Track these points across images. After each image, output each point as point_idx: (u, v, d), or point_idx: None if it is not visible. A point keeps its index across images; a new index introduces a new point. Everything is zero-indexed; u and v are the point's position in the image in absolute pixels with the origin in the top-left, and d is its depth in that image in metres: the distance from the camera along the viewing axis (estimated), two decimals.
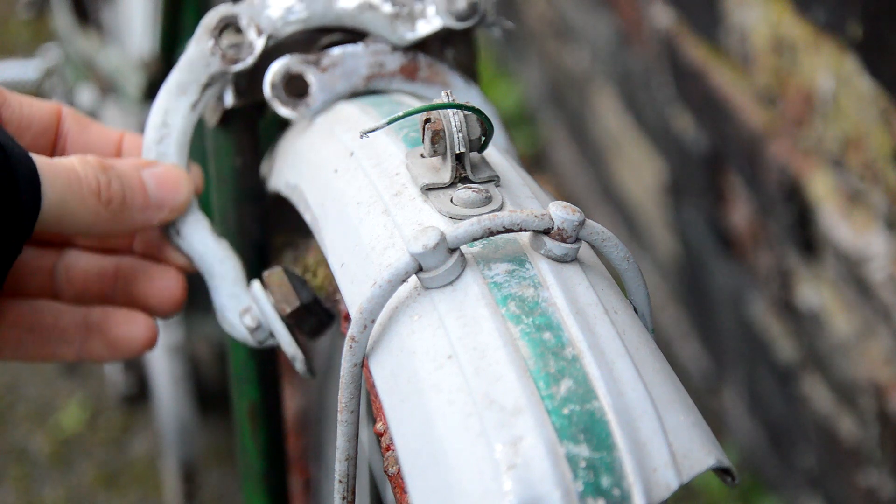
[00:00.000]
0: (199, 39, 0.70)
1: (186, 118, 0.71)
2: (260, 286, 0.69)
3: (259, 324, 0.69)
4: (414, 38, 0.72)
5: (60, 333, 0.70)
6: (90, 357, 0.71)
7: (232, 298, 0.70)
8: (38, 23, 2.67)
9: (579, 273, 0.56)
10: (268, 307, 0.69)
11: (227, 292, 0.70)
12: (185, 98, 0.70)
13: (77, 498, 1.85)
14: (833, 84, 1.26)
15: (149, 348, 0.71)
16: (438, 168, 0.60)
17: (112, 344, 0.71)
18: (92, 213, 0.65)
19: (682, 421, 0.52)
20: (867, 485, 1.37)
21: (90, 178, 0.65)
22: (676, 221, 1.82)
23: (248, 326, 0.69)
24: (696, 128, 1.66)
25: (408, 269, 0.55)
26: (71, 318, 0.70)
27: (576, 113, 2.23)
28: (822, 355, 1.43)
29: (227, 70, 0.70)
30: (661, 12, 1.69)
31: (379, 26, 0.71)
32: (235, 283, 0.70)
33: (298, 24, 0.71)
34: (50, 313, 0.70)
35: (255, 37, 0.70)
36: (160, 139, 0.70)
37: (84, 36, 1.59)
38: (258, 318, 0.69)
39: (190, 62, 0.70)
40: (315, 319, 0.70)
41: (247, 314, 0.70)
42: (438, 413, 0.51)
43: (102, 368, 2.03)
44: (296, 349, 0.69)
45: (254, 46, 0.70)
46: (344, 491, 0.59)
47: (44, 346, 0.70)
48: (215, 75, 0.70)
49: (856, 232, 1.28)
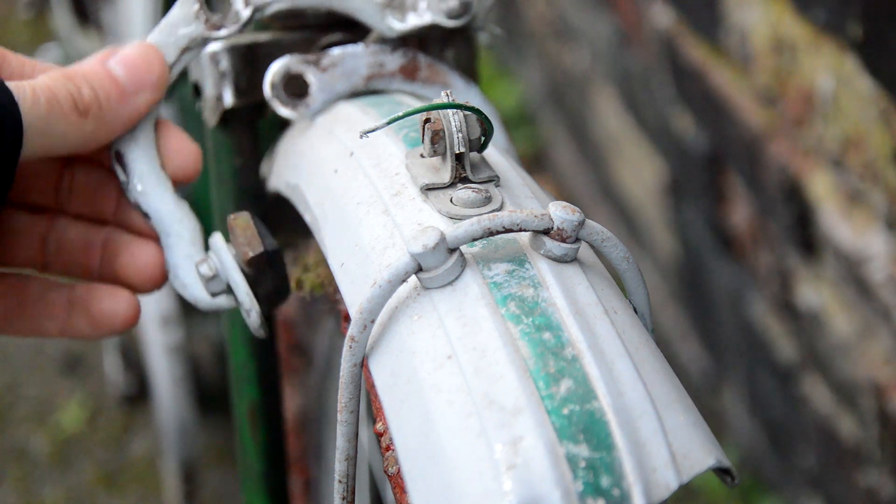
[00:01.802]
0: (184, 1, 0.69)
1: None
2: (220, 238, 0.68)
3: (216, 273, 0.68)
4: (403, 30, 0.71)
5: (46, 308, 0.70)
6: (73, 334, 0.71)
7: (187, 259, 0.69)
8: (38, 23, 2.68)
9: (579, 273, 0.56)
10: (227, 257, 0.67)
11: (182, 252, 0.69)
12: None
13: (77, 498, 1.85)
14: (833, 84, 1.26)
15: (131, 325, 0.71)
16: (438, 168, 0.60)
17: (95, 320, 0.70)
18: (75, 128, 0.64)
19: (682, 421, 0.52)
20: (867, 485, 1.37)
21: (63, 92, 0.64)
22: (676, 221, 1.82)
23: (203, 275, 0.68)
24: (696, 128, 1.66)
25: (407, 269, 0.55)
26: (57, 293, 0.70)
27: (576, 113, 2.23)
28: (822, 355, 1.43)
29: (208, 36, 0.69)
30: (661, 12, 1.69)
31: (369, 14, 0.71)
32: (192, 244, 0.69)
33: (287, 1, 0.70)
34: (38, 287, 0.70)
35: (241, 7, 0.69)
36: None
37: (84, 36, 1.59)
38: (216, 267, 0.68)
39: (171, 23, 0.69)
40: (272, 280, 0.68)
41: (203, 263, 0.68)
42: (438, 413, 0.51)
43: (102, 368, 2.03)
44: (252, 300, 0.67)
45: (239, 16, 0.69)
46: (344, 491, 0.59)
47: (29, 320, 0.70)
48: (196, 39, 0.69)
49: (856, 232, 1.28)
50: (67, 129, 0.64)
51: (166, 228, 0.69)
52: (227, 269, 0.67)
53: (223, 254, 0.67)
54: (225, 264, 0.67)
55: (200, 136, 0.78)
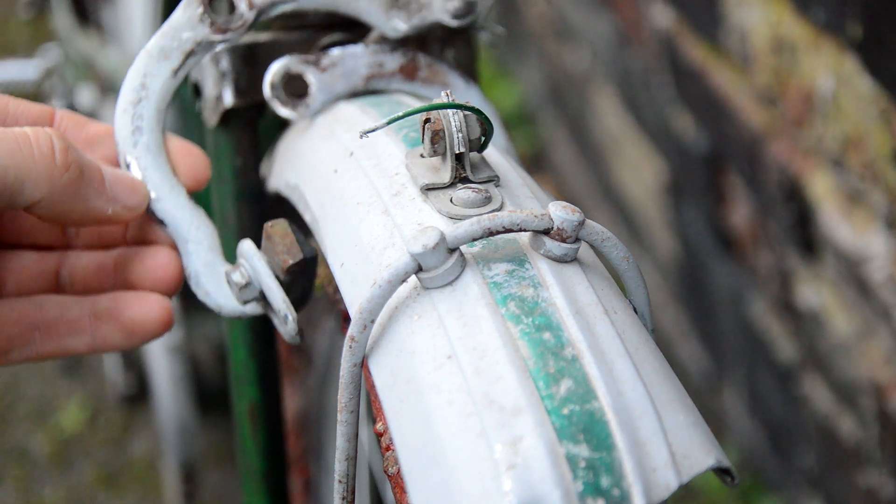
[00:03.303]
0: (187, 4, 0.68)
1: (167, 84, 0.68)
2: (251, 244, 0.67)
3: (249, 281, 0.67)
4: (408, 30, 0.71)
5: (70, 326, 0.68)
6: (106, 346, 0.69)
7: (208, 265, 0.68)
8: (38, 23, 2.68)
9: (579, 273, 0.56)
10: (261, 264, 0.66)
11: (203, 259, 0.68)
12: (167, 63, 0.68)
13: (77, 498, 1.85)
14: (833, 84, 1.26)
15: (166, 329, 0.69)
16: (438, 168, 0.60)
17: (127, 328, 0.68)
18: (45, 178, 0.61)
19: (682, 421, 0.52)
20: (867, 485, 1.37)
21: (43, 141, 0.62)
22: (676, 221, 1.82)
23: (236, 283, 0.67)
24: (696, 128, 1.66)
25: (407, 269, 0.55)
26: (78, 309, 0.68)
27: (576, 113, 2.23)
28: (822, 355, 1.43)
29: (213, 39, 0.68)
30: (661, 12, 1.69)
31: (374, 14, 0.71)
32: (211, 250, 0.68)
33: (292, 3, 0.70)
34: (55, 307, 0.68)
35: (245, 9, 0.68)
36: (137, 101, 0.68)
37: (84, 36, 1.59)
38: (248, 274, 0.67)
39: (175, 27, 0.68)
40: (303, 284, 0.68)
41: (235, 272, 0.67)
42: (438, 413, 0.51)
43: (102, 368, 2.03)
44: (289, 307, 0.66)
45: (244, 19, 0.68)
46: (344, 491, 0.59)
47: (54, 341, 0.68)
48: (201, 43, 0.68)
49: (856, 232, 1.28)
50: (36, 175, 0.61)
51: (184, 235, 0.68)
52: (262, 276, 0.66)
53: (256, 261, 0.66)
54: (259, 272, 0.66)
55: (200, 136, 0.78)
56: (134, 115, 0.68)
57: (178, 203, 0.68)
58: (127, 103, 0.68)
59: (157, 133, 0.68)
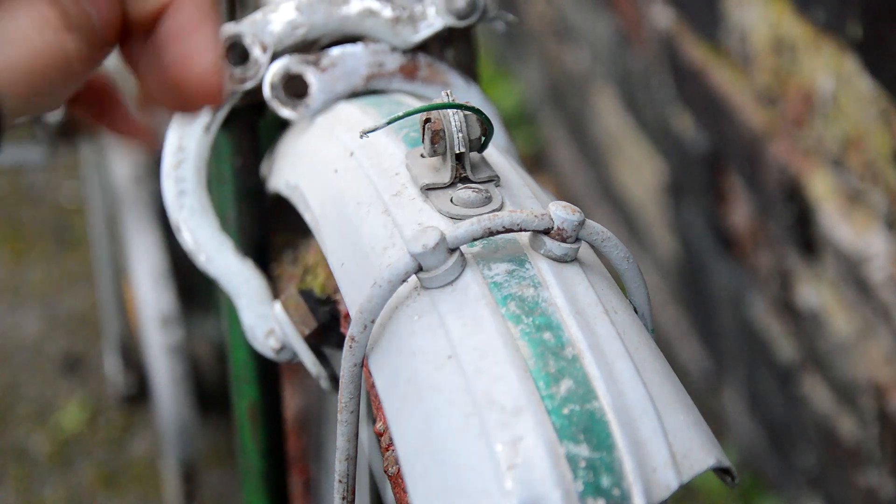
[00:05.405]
0: None
1: (200, 141, 0.71)
2: (282, 307, 0.70)
3: (283, 345, 0.70)
4: (418, 40, 0.72)
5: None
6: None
7: (260, 318, 0.70)
8: None
9: (579, 273, 0.56)
10: (290, 328, 0.69)
11: (255, 312, 0.70)
12: (198, 121, 0.71)
13: (77, 498, 1.85)
14: (833, 84, 1.26)
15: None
16: (438, 168, 0.60)
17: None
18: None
19: (682, 421, 0.52)
20: (867, 485, 1.37)
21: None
22: (676, 221, 1.82)
23: (272, 348, 0.70)
24: (696, 128, 1.66)
25: (408, 269, 0.55)
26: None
27: (576, 113, 2.23)
28: (822, 355, 1.43)
29: (235, 90, 0.70)
30: (661, 12, 1.69)
31: (381, 32, 0.72)
32: (262, 303, 0.70)
33: (301, 35, 0.71)
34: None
35: (259, 54, 0.70)
36: (178, 164, 0.71)
37: None
38: (281, 339, 0.70)
39: None
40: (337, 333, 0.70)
41: (271, 336, 0.70)
42: (438, 413, 0.51)
43: (102, 368, 2.03)
44: (319, 368, 0.69)
45: (260, 64, 0.70)
46: (344, 491, 0.59)
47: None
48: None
49: (856, 232, 1.28)
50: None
51: (236, 290, 0.71)
52: (292, 340, 0.69)
53: (286, 326, 0.69)
54: (289, 336, 0.69)
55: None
56: (177, 179, 0.70)
57: (227, 260, 0.71)
58: (169, 168, 0.71)
59: (199, 192, 0.71)
